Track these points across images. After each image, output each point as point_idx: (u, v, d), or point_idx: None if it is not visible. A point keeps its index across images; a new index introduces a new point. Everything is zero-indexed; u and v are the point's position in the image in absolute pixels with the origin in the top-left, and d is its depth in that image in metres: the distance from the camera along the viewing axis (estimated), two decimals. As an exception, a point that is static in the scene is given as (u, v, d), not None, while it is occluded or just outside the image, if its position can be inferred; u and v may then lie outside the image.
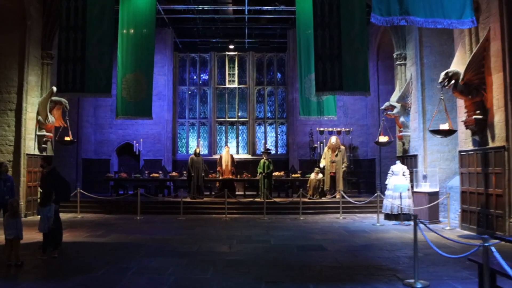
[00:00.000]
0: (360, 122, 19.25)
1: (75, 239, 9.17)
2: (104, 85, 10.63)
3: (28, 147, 13.18)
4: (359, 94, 10.25)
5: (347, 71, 9.21)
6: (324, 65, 9.19)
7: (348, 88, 9.38)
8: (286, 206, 14.04)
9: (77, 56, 10.21)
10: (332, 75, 9.23)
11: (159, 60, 18.92)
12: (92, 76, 10.42)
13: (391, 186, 12.56)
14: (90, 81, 10.40)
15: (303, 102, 13.96)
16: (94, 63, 10.42)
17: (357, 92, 9.88)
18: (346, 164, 15.86)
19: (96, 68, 10.43)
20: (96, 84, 10.52)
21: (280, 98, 21.40)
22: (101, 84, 10.52)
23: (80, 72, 10.21)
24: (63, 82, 10.32)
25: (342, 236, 9.76)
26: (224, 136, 21.16)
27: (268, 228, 10.88)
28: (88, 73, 10.32)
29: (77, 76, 10.20)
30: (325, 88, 9.36)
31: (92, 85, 10.44)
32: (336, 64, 9.20)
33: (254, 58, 21.39)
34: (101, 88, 10.59)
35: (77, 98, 17.28)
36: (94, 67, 10.41)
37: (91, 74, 10.38)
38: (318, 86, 9.49)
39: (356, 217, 13.28)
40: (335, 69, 9.20)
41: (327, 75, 9.24)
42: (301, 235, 9.87)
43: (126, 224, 11.69)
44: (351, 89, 9.47)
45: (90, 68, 10.34)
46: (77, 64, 10.19)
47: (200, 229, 10.76)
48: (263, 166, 15.26)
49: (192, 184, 15.17)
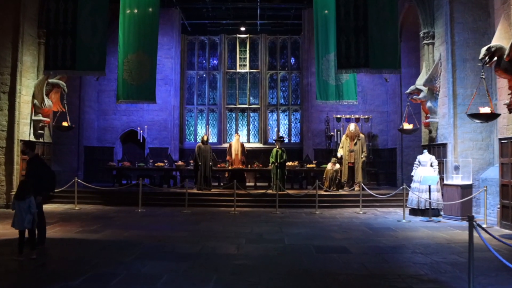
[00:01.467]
0: (380, 109, 17.96)
1: (64, 235, 8.14)
2: (98, 61, 9.53)
3: (22, 132, 12.20)
4: (388, 71, 9.02)
5: (374, 45, 8.02)
6: (347, 38, 8.00)
7: (375, 64, 8.18)
8: (300, 199, 12.91)
9: (67, 28, 9.12)
10: (356, 50, 8.05)
11: (166, 42, 17.81)
12: (84, 51, 9.33)
13: (417, 178, 11.36)
14: (82, 57, 9.31)
15: (320, 85, 12.76)
16: (86, 36, 9.32)
17: (385, 69, 8.67)
18: (365, 153, 14.64)
19: (88, 42, 9.33)
20: (89, 60, 9.43)
21: (294, 84, 20.15)
22: (93, 60, 9.42)
23: (71, 46, 9.13)
24: (51, 59, 9.27)
25: (365, 234, 8.60)
26: (235, 124, 20.02)
27: (282, 224, 9.76)
28: (80, 47, 9.23)
29: (67, 51, 9.12)
30: (348, 65, 8.18)
31: (84, 61, 9.35)
32: (361, 37, 8.01)
33: (266, 41, 20.15)
34: (94, 65, 9.50)
35: (79, 81, 16.29)
36: (86, 40, 9.31)
37: (82, 49, 9.29)
38: (340, 63, 8.31)
39: (377, 212, 12.11)
40: (360, 43, 8.02)
41: (350, 50, 8.06)
42: (319, 233, 8.73)
43: (126, 217, 10.67)
44: (379, 66, 8.28)
45: (81, 42, 9.24)
46: (67, 38, 9.11)
47: (206, 224, 9.68)
48: (275, 155, 14.11)
49: (199, 174, 14.09)
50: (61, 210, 11.84)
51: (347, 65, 8.21)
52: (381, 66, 8.36)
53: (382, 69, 8.59)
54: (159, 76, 17.50)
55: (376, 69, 8.52)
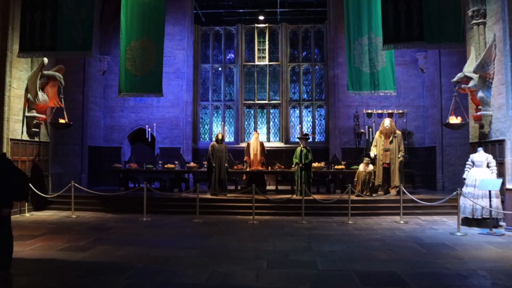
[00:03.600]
0: (416, 103, 16.05)
1: (43, 254, 6.58)
2: (83, 41, 7.97)
3: (13, 130, 10.76)
4: (448, 45, 7.26)
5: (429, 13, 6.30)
6: (395, 6, 6.24)
7: (431, 36, 6.46)
8: (329, 205, 11.15)
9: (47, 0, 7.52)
10: (408, 19, 6.34)
11: (177, 32, 16.26)
12: (67, 28, 7.80)
13: (471, 182, 9.52)
14: (64, 35, 7.77)
15: (352, 73, 11.02)
16: (69, 9, 7.76)
17: (445, 43, 6.92)
18: (403, 152, 12.80)
19: (71, 17, 7.78)
20: (72, 38, 7.89)
21: (318, 77, 18.36)
22: (78, 38, 7.87)
23: (51, 22, 7.58)
24: (28, 38, 7.73)
25: (418, 254, 6.82)
26: (253, 121, 18.32)
27: (310, 238, 8.04)
28: (61, 23, 7.71)
29: (46, 28, 7.59)
30: (397, 38, 6.46)
31: (66, 40, 7.80)
32: (413, 4, 6.22)
33: (287, 30, 18.41)
34: (79, 45, 7.94)
35: (82, 76, 14.84)
36: (68, 14, 7.76)
37: (65, 25, 7.77)
38: (386, 37, 6.59)
39: (421, 221, 10.29)
40: (412, 11, 6.28)
41: (400, 20, 6.35)
42: (358, 251, 6.99)
43: (125, 228, 9.10)
44: (436, 39, 6.55)
45: (63, 17, 7.70)
46: (47, 12, 7.53)
47: (218, 238, 8.03)
48: (299, 155, 12.38)
49: (213, 177, 12.46)
50: (55, 218, 10.34)
51: (395, 39, 6.50)
52: (439, 39, 6.63)
53: (440, 42, 6.84)
54: (170, 69, 16.03)
55: (433, 42, 6.78)
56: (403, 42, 6.81)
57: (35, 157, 11.54)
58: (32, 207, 11.33)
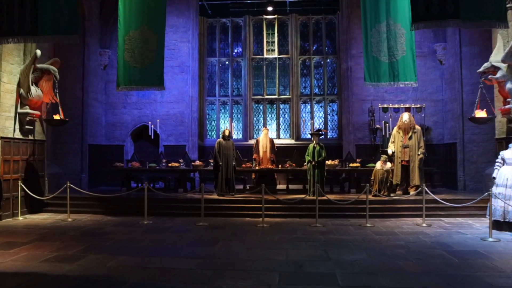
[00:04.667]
0: (434, 97, 15.11)
1: (25, 266, 5.81)
2: (67, 24, 7.15)
3: (4, 128, 10.03)
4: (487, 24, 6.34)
5: (467, -14, 5.36)
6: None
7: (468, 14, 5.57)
8: (344, 206, 10.30)
9: (26, -23, 6.77)
10: (440, -6, 5.40)
11: (182, 24, 15.47)
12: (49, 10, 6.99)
13: (503, 181, 8.63)
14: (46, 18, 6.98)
15: (369, 63, 10.14)
16: (52, -12, 6.95)
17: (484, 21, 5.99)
18: (423, 149, 11.93)
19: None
20: (55, 21, 7.09)
21: (330, 70, 17.46)
22: (62, 21, 7.07)
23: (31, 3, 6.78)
24: (6, 21, 6.94)
25: (450, 264, 5.96)
26: (262, 117, 17.48)
27: (326, 245, 7.22)
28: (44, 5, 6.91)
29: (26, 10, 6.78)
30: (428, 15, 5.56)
31: (48, 24, 6.99)
32: (447, -25, 5.36)
33: (297, 22, 17.53)
34: (63, 28, 7.13)
35: (81, 70, 14.15)
36: (51, -7, 6.95)
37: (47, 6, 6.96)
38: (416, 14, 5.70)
39: (445, 224, 9.42)
40: (445, -16, 5.37)
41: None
42: (382, 261, 6.15)
43: (123, 233, 8.34)
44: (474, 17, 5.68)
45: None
46: (26, -10, 6.75)
47: (224, 245, 7.23)
48: (312, 152, 11.56)
49: (219, 176, 11.67)
50: (49, 222, 9.61)
51: (426, 16, 5.63)
52: (477, 17, 5.73)
53: (478, 21, 5.93)
54: (175, 62, 15.27)
55: (470, 21, 5.88)
56: (435, 20, 5.93)
57: (29, 157, 10.82)
58: (27, 209, 10.61)
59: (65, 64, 12.71)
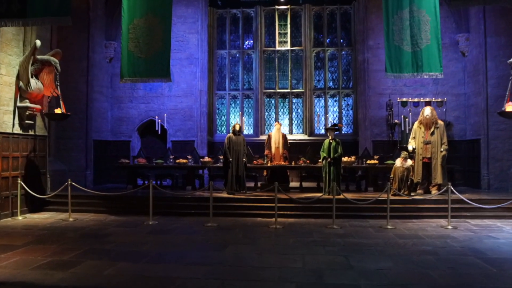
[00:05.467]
0: (455, 91, 14.30)
1: (12, 274, 5.23)
2: (59, 4, 6.57)
3: (2, 123, 9.51)
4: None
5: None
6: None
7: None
8: (362, 206, 9.61)
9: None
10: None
11: (190, 15, 14.82)
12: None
13: (538, 180, 7.88)
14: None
15: (391, 53, 9.42)
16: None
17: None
18: (445, 145, 11.21)
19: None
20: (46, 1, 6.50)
21: (345, 63, 16.71)
22: (53, 1, 6.49)
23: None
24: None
25: (489, 275, 5.27)
26: (274, 112, 16.79)
27: (346, 250, 6.56)
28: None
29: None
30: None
31: (38, 4, 6.40)
32: None
33: (311, 12, 16.79)
34: (54, 9, 6.52)
35: (86, 63, 13.59)
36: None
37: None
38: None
39: (471, 226, 8.71)
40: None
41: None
42: (411, 270, 5.48)
43: (126, 234, 7.76)
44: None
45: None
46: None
47: (234, 249, 6.61)
48: (328, 148, 10.88)
49: (229, 173, 11.05)
50: (49, 222, 9.07)
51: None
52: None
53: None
54: (183, 55, 14.66)
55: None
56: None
57: (29, 153, 10.29)
58: (27, 209, 10.10)
59: (68, 57, 12.19)
